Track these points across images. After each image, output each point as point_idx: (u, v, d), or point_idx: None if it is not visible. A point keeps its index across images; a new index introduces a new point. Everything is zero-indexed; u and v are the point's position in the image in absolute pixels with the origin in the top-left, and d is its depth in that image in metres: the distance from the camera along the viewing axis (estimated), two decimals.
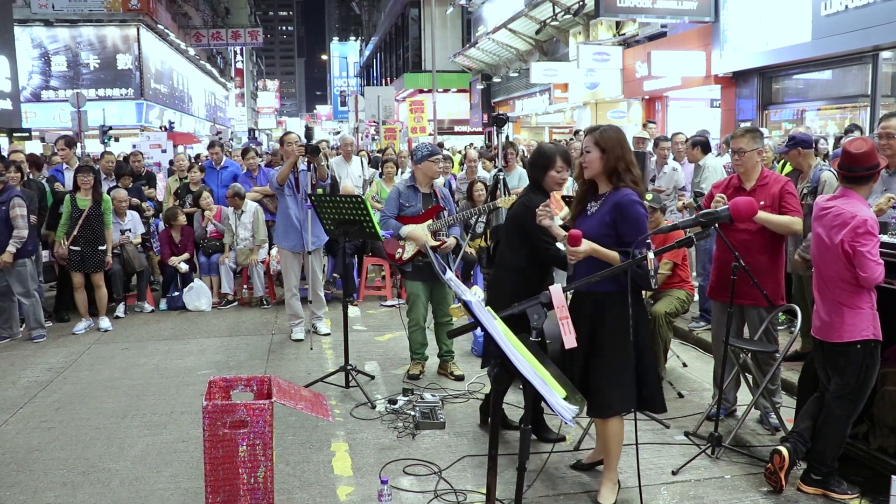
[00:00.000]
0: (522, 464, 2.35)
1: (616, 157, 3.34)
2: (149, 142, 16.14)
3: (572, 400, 2.12)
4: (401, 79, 33.96)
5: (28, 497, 3.75)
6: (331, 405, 4.86)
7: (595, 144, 3.36)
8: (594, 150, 3.37)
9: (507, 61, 25.56)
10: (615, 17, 14.32)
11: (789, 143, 5.42)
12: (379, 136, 20.50)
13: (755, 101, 12.20)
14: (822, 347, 3.60)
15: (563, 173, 4.09)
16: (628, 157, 3.36)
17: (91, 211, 7.11)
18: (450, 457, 4.13)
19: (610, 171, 3.36)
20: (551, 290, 2.36)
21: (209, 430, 3.30)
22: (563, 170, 4.07)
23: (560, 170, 4.06)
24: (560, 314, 2.37)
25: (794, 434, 3.70)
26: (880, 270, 3.33)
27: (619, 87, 16.98)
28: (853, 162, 3.46)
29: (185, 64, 37.57)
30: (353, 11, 69.17)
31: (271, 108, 76.94)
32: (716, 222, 2.64)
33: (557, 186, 4.14)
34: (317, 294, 6.80)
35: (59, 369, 5.94)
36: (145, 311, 7.98)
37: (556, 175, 4.07)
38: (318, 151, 6.40)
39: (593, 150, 3.37)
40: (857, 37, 9.53)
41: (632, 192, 3.31)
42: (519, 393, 4.96)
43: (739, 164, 4.27)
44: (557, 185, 4.13)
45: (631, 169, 3.35)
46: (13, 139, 17.53)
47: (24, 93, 25.13)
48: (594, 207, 3.44)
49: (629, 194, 3.30)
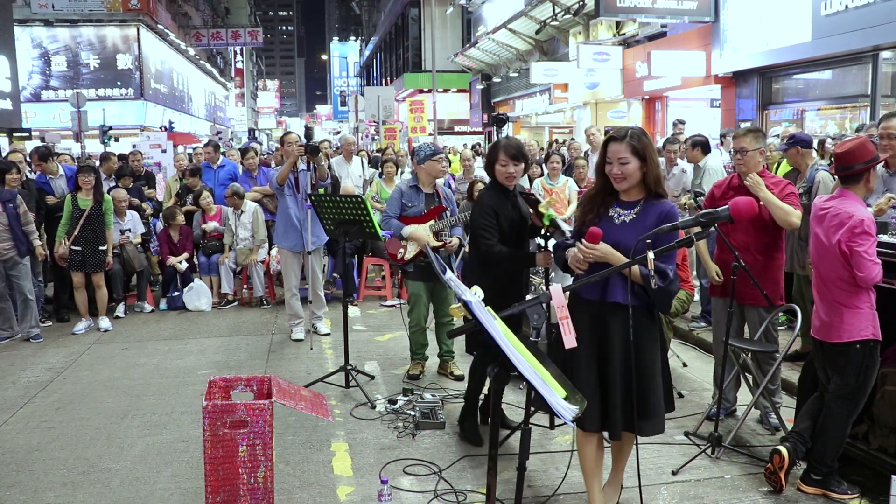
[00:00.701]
0: (522, 464, 2.35)
1: (655, 164, 2.98)
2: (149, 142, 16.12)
3: (572, 400, 2.12)
4: (401, 79, 33.97)
5: (28, 497, 3.75)
6: (331, 405, 4.86)
7: (634, 154, 2.94)
8: (632, 159, 2.94)
9: (507, 61, 25.56)
10: (615, 16, 14.33)
11: (789, 142, 5.42)
12: (379, 136, 20.50)
13: (755, 101, 12.20)
14: (821, 347, 3.61)
15: (508, 167, 4.07)
16: (658, 162, 3.04)
17: (92, 211, 7.12)
18: (450, 457, 4.13)
19: (652, 181, 2.98)
20: (551, 289, 2.36)
21: (209, 430, 3.31)
22: (507, 163, 4.06)
23: (504, 163, 4.06)
24: (560, 314, 2.36)
25: (794, 434, 3.70)
26: (878, 270, 3.34)
27: (619, 87, 16.99)
28: (843, 161, 3.49)
29: (185, 64, 37.58)
30: (353, 11, 69.19)
31: (271, 108, 76.97)
32: (716, 222, 2.63)
33: (506, 180, 4.10)
34: (317, 294, 6.80)
35: (59, 369, 5.94)
36: (145, 311, 7.98)
37: (501, 169, 4.08)
38: (318, 151, 6.40)
39: (631, 159, 2.94)
40: (857, 37, 9.53)
41: (674, 204, 3.04)
42: (519, 393, 4.97)
43: (741, 163, 4.27)
44: (506, 179, 4.10)
45: (661, 175, 3.05)
46: (13, 139, 17.53)
47: (24, 93, 25.15)
48: (627, 216, 3.02)
49: (674, 206, 3.00)
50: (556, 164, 8.02)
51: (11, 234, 6.59)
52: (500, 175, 4.12)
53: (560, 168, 8.10)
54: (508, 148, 4.09)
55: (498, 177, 4.14)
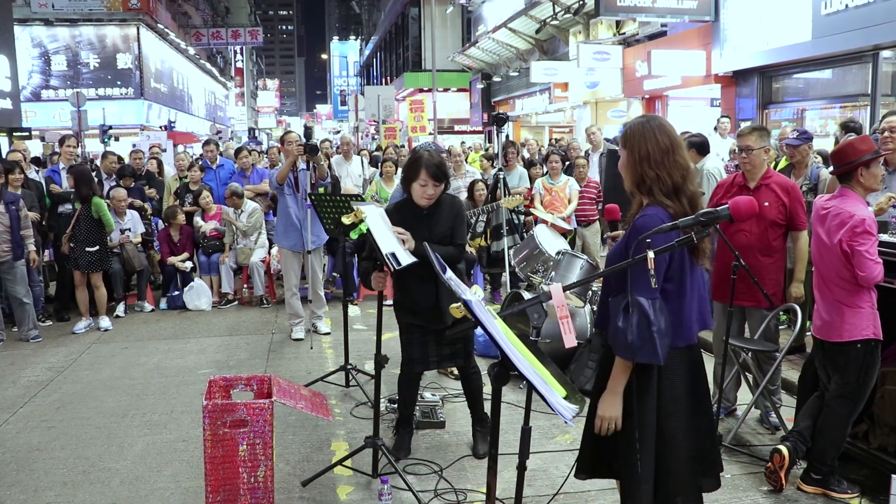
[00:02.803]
0: (522, 463, 2.35)
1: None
2: (149, 141, 16.14)
3: (572, 399, 2.11)
4: (401, 78, 33.95)
5: (28, 496, 3.75)
6: (331, 404, 4.86)
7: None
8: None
9: (507, 60, 25.54)
10: (615, 16, 14.30)
11: (801, 137, 5.43)
12: (379, 136, 20.49)
13: (755, 101, 12.19)
14: (822, 347, 3.61)
15: (428, 188, 3.71)
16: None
17: (81, 212, 7.10)
18: (450, 456, 4.13)
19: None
20: (551, 289, 2.35)
21: (209, 430, 3.31)
22: (428, 183, 3.70)
23: (424, 183, 3.70)
24: (560, 314, 2.35)
25: (795, 433, 3.70)
26: (879, 269, 3.34)
27: (620, 87, 16.97)
28: (836, 158, 3.51)
29: (185, 63, 37.55)
30: (353, 10, 69.12)
31: (271, 108, 76.93)
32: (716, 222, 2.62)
33: (423, 200, 3.76)
34: (317, 293, 6.80)
35: (59, 369, 5.94)
36: (145, 310, 7.98)
37: (420, 188, 3.73)
38: (317, 150, 6.41)
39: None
40: (857, 36, 9.52)
41: (647, 212, 2.62)
42: (520, 393, 4.97)
43: (746, 161, 4.27)
44: (424, 199, 3.75)
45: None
46: (13, 139, 17.51)
47: (24, 92, 25.11)
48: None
49: (643, 215, 2.60)
50: (556, 163, 8.01)
51: (11, 236, 6.57)
52: (417, 194, 3.76)
53: (560, 167, 8.10)
54: (430, 166, 3.70)
55: (414, 196, 3.78)
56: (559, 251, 5.89)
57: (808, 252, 4.15)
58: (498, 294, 8.03)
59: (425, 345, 3.99)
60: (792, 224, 4.22)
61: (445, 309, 3.85)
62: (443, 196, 3.87)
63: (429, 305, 3.87)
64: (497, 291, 8.11)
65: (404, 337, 4.05)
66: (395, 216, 3.77)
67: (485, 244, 7.74)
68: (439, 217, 3.87)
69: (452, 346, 4.01)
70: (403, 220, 3.75)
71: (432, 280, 3.81)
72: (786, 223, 4.22)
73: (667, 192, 2.43)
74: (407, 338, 4.03)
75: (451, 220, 3.89)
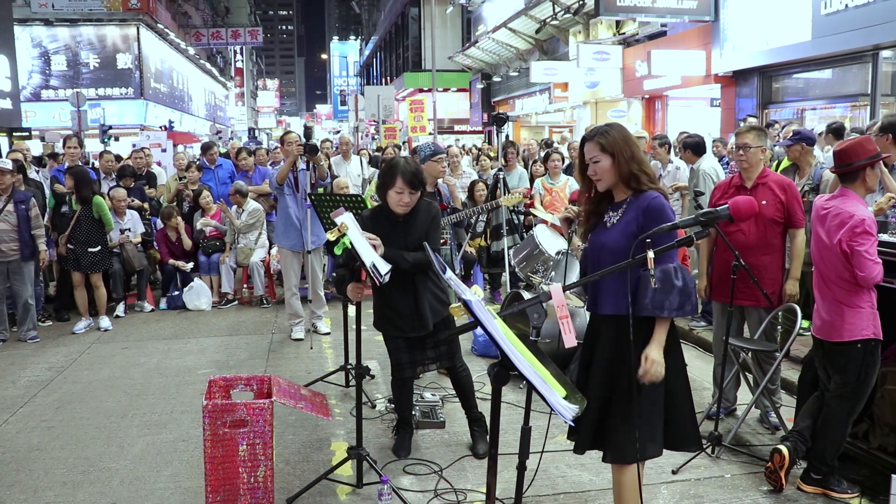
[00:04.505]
0: (522, 463, 2.35)
1: (627, 158, 2.85)
2: (149, 141, 16.13)
3: (572, 399, 2.11)
4: (401, 78, 33.96)
5: (28, 496, 3.75)
6: (331, 404, 4.86)
7: (602, 151, 2.86)
8: (602, 157, 2.86)
9: (506, 60, 25.55)
10: (615, 16, 14.32)
11: (793, 138, 5.42)
12: (379, 136, 20.49)
13: (755, 101, 12.20)
14: (822, 347, 3.61)
15: (404, 195, 3.67)
16: (639, 155, 2.88)
17: (81, 213, 7.10)
18: (450, 456, 4.13)
19: (626, 176, 2.86)
20: (551, 288, 2.35)
21: (209, 430, 3.31)
22: (404, 190, 3.65)
23: (400, 190, 3.65)
24: (560, 314, 2.36)
25: (794, 433, 3.70)
26: (878, 269, 3.34)
27: (619, 87, 16.98)
28: (841, 157, 3.50)
29: (184, 63, 37.55)
30: (353, 10, 69.16)
31: (271, 108, 76.94)
32: (716, 221, 2.62)
33: (399, 208, 3.72)
34: (317, 293, 6.80)
35: (59, 368, 5.94)
36: (145, 310, 7.98)
37: (396, 196, 3.68)
38: (317, 150, 6.41)
39: (601, 157, 2.86)
40: (857, 36, 9.52)
41: (658, 195, 2.85)
42: (520, 393, 4.97)
43: (743, 159, 4.27)
44: (399, 207, 3.71)
45: (644, 168, 2.89)
46: (13, 139, 17.51)
47: (24, 92, 25.11)
48: (614, 217, 2.93)
49: (657, 197, 2.84)
50: (556, 163, 8.02)
51: (19, 235, 6.57)
52: (393, 202, 3.70)
53: (560, 167, 8.10)
54: (406, 173, 3.65)
55: (391, 203, 3.72)
56: (559, 251, 5.89)
57: (804, 250, 4.16)
58: (498, 294, 8.02)
59: (411, 350, 4.01)
60: (789, 221, 4.22)
61: (426, 314, 3.87)
62: (419, 202, 3.81)
63: (408, 312, 3.88)
64: (497, 291, 8.11)
65: (390, 344, 4.09)
66: (369, 224, 3.72)
67: (485, 244, 7.74)
68: (415, 224, 3.81)
69: (437, 350, 4.02)
70: (378, 227, 3.69)
71: (411, 287, 3.84)
72: (784, 221, 4.22)
73: (651, 179, 2.91)
74: (392, 345, 4.06)
75: (427, 225, 3.83)
